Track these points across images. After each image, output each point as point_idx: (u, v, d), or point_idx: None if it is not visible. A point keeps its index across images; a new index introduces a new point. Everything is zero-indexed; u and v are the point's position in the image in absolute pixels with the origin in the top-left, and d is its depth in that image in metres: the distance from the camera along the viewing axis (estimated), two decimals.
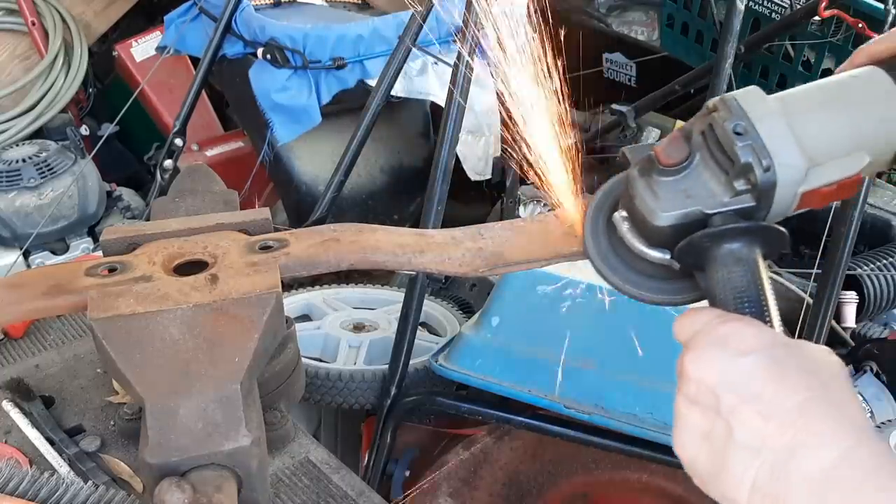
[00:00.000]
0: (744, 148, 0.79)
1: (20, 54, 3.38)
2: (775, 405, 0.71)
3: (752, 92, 0.83)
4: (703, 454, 0.75)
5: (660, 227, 0.82)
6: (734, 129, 0.80)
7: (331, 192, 2.47)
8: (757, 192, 0.80)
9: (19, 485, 1.08)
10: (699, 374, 0.76)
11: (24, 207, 2.65)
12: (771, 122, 0.81)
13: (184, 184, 1.43)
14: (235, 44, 2.72)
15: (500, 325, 1.94)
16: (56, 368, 1.54)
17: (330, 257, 1.10)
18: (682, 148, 0.83)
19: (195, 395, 0.93)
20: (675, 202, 0.82)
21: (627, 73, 3.44)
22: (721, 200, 0.81)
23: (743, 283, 0.80)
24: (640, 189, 0.83)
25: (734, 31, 2.35)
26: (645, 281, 0.88)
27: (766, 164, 0.79)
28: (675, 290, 0.88)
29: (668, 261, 0.84)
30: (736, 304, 0.80)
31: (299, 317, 2.45)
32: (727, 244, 0.81)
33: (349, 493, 1.36)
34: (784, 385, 0.72)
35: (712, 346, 0.76)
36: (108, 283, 1.06)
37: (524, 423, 1.98)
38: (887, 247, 2.71)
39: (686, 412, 0.77)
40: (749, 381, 0.73)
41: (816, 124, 0.83)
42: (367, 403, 2.12)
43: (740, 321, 0.78)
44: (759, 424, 0.71)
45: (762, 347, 0.75)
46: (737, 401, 0.73)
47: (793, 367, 0.74)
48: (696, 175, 0.82)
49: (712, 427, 0.74)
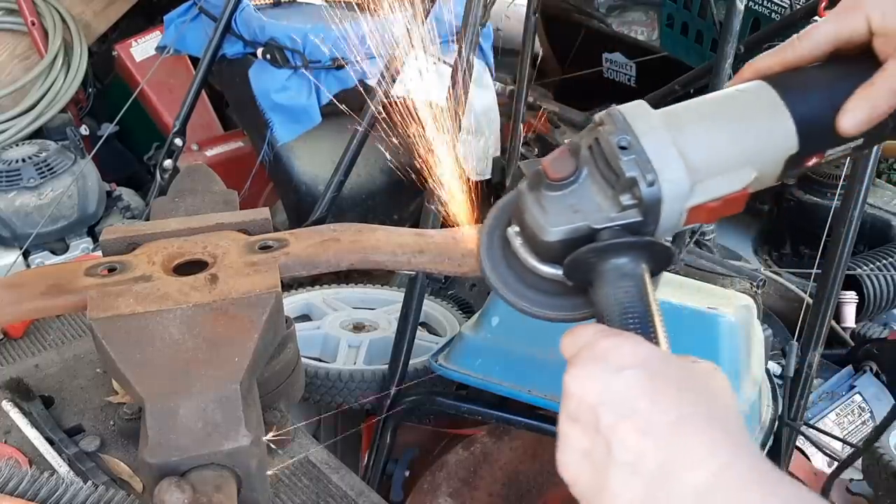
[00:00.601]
0: (628, 162, 0.79)
1: (20, 54, 3.38)
2: (651, 421, 0.70)
3: (638, 106, 0.82)
4: (584, 473, 0.73)
5: (549, 242, 0.81)
6: (619, 144, 0.79)
7: (331, 191, 2.47)
8: (643, 206, 0.79)
9: (19, 484, 1.08)
10: (579, 391, 0.74)
11: (23, 207, 2.65)
12: (656, 137, 0.80)
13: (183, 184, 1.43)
14: (235, 44, 2.72)
15: (499, 325, 1.94)
16: (56, 368, 1.54)
17: (330, 257, 1.10)
18: (570, 162, 0.82)
19: (195, 395, 0.93)
20: (563, 217, 0.81)
21: (627, 73, 3.44)
22: (608, 215, 0.80)
23: (628, 298, 0.80)
24: (530, 204, 0.82)
25: (734, 32, 2.35)
26: (540, 297, 0.87)
27: (651, 179, 0.78)
28: (571, 307, 0.87)
29: (560, 276, 0.83)
30: (621, 320, 0.79)
31: (299, 317, 2.45)
32: (613, 259, 0.80)
33: (349, 492, 1.36)
34: (660, 401, 0.71)
35: (592, 363, 0.75)
36: (107, 282, 1.06)
37: (524, 423, 1.97)
38: (887, 247, 2.72)
39: (567, 430, 0.75)
40: (626, 397, 0.71)
41: (702, 139, 0.82)
42: (367, 403, 2.12)
43: (619, 336, 0.76)
44: (636, 441, 0.70)
45: (640, 363, 0.73)
46: (614, 417, 0.71)
47: (671, 383, 0.72)
48: (584, 190, 0.81)
49: (592, 445, 0.72)
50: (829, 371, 2.47)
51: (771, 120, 0.85)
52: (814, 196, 2.78)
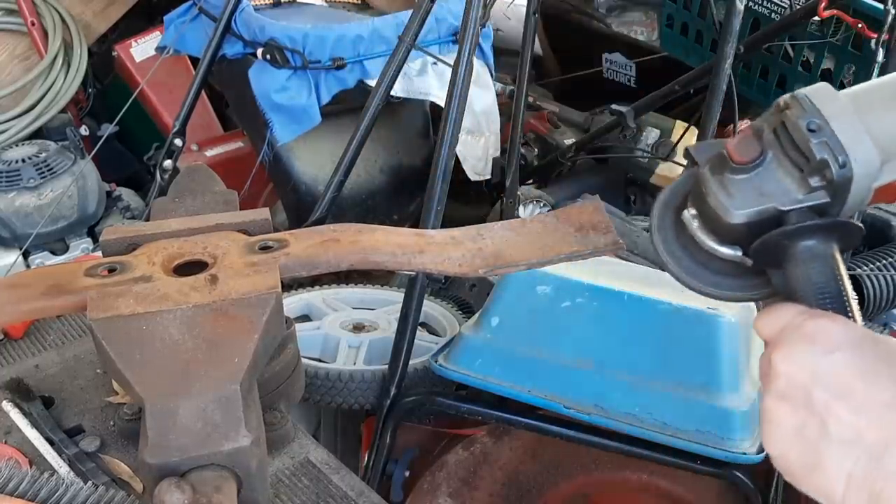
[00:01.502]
0: (819, 144, 0.80)
1: (20, 54, 3.38)
2: (867, 401, 0.73)
3: (823, 89, 0.83)
4: (795, 450, 0.76)
5: (734, 225, 0.82)
6: (808, 127, 0.80)
7: (330, 192, 2.47)
8: (832, 188, 0.80)
9: (19, 485, 1.08)
10: (789, 371, 0.77)
11: (23, 208, 2.65)
12: (844, 119, 0.81)
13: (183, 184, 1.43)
14: (235, 44, 2.72)
15: (499, 326, 1.94)
16: (56, 369, 1.54)
17: (330, 257, 1.10)
18: (755, 146, 0.83)
19: (195, 396, 0.93)
20: (750, 200, 0.82)
21: (627, 74, 3.44)
22: (795, 197, 0.81)
23: (823, 279, 0.81)
24: (713, 187, 0.83)
25: (734, 32, 2.35)
26: (714, 277, 0.88)
27: (843, 161, 0.79)
28: (745, 287, 0.88)
29: (740, 258, 0.84)
30: (818, 301, 0.81)
31: (299, 317, 2.45)
32: (804, 241, 0.81)
33: (349, 493, 1.36)
34: (874, 381, 0.73)
35: (801, 343, 0.77)
36: (107, 283, 1.06)
37: (524, 423, 1.98)
38: (887, 247, 2.71)
39: (776, 408, 0.78)
40: (840, 377, 0.74)
41: (889, 120, 0.83)
42: (367, 403, 2.12)
43: (826, 318, 0.78)
44: (852, 420, 0.72)
45: (850, 344, 0.76)
46: (829, 397, 0.74)
47: (882, 363, 0.75)
48: (770, 172, 0.83)
49: (804, 423, 0.75)
50: None
51: None
52: None
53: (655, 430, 1.80)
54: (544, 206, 2.82)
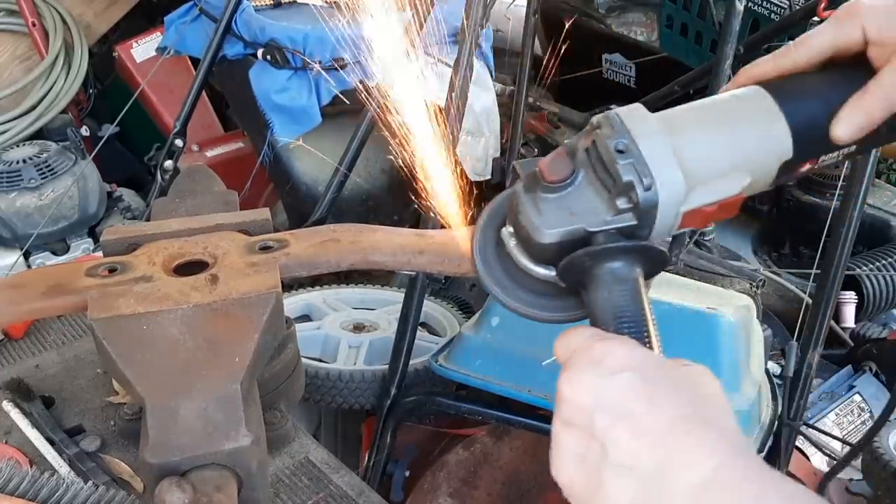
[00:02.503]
0: (625, 166, 0.79)
1: (20, 55, 3.38)
2: (646, 423, 0.71)
3: (635, 109, 0.83)
4: (579, 477, 0.74)
5: (544, 244, 0.81)
6: (616, 147, 0.80)
7: (331, 192, 2.47)
8: (639, 210, 0.80)
9: (19, 485, 1.08)
10: (573, 395, 0.75)
11: (24, 208, 2.65)
12: (653, 141, 0.80)
13: (184, 184, 1.44)
14: (236, 44, 2.73)
15: (499, 326, 1.94)
16: (56, 369, 1.54)
17: (330, 257, 1.10)
18: (567, 164, 0.82)
19: (195, 395, 0.93)
20: (559, 219, 0.81)
21: (627, 74, 3.44)
22: (603, 219, 0.81)
23: (623, 302, 0.80)
24: (525, 205, 0.82)
25: (733, 32, 2.35)
26: (534, 298, 0.87)
27: (648, 183, 0.79)
28: (564, 308, 0.87)
29: (554, 278, 0.83)
30: (616, 324, 0.80)
31: (299, 317, 2.45)
32: (607, 263, 0.80)
33: (349, 492, 1.36)
34: (654, 403, 0.72)
35: (585, 366, 0.75)
36: (108, 283, 1.06)
37: (524, 423, 1.98)
38: (886, 247, 2.72)
39: (562, 434, 0.76)
40: (620, 400, 0.72)
41: (699, 144, 0.83)
42: (367, 403, 2.12)
43: (613, 340, 0.77)
44: (631, 444, 0.70)
45: (634, 366, 0.74)
46: (609, 420, 0.72)
47: (664, 385, 0.73)
48: (580, 192, 0.82)
49: (587, 448, 0.73)
50: (829, 371, 2.47)
51: (767, 126, 0.85)
52: (813, 196, 2.78)
53: None
54: None
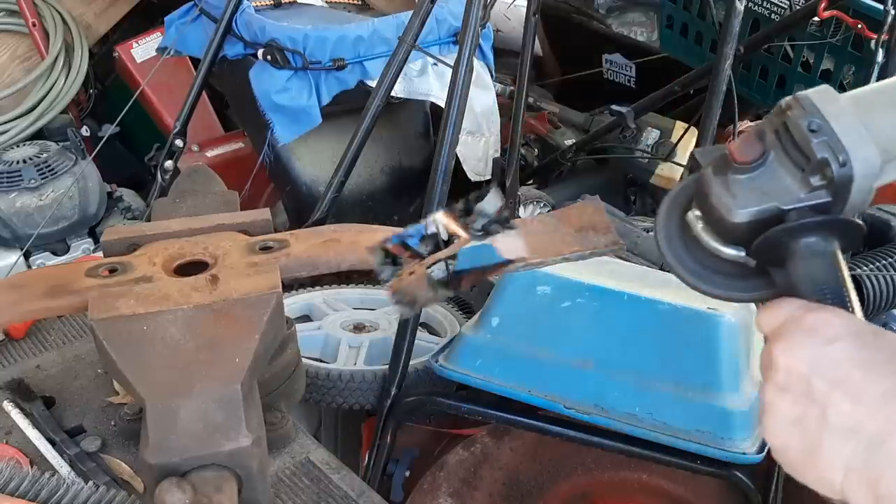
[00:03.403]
0: (819, 144, 0.80)
1: (21, 55, 3.38)
2: (866, 391, 0.74)
3: (824, 91, 0.84)
4: (795, 439, 0.77)
5: (737, 224, 0.83)
6: (809, 127, 0.81)
7: (331, 192, 2.47)
8: (833, 187, 0.81)
9: (20, 485, 1.08)
10: (790, 363, 0.78)
11: (24, 208, 2.65)
12: (845, 119, 0.82)
13: (184, 184, 1.44)
14: (236, 45, 2.72)
15: (500, 326, 1.94)
16: (56, 369, 1.54)
17: (330, 258, 1.10)
18: (757, 146, 0.84)
19: (196, 396, 0.93)
20: (752, 199, 0.83)
21: (627, 74, 3.43)
22: (797, 196, 0.82)
23: (823, 275, 0.82)
24: (716, 187, 0.84)
25: (733, 32, 2.35)
26: (718, 278, 0.89)
27: (843, 160, 0.80)
28: (749, 288, 0.89)
29: (744, 258, 0.85)
30: (819, 296, 0.82)
31: (299, 317, 2.45)
32: (805, 238, 0.82)
33: (349, 493, 1.36)
34: (873, 371, 0.74)
35: (801, 335, 0.78)
36: (108, 283, 1.06)
37: (524, 423, 1.98)
38: (887, 247, 2.71)
39: (776, 400, 0.79)
40: (840, 367, 0.75)
41: (890, 121, 0.84)
42: (368, 404, 2.12)
43: (826, 310, 0.80)
44: (851, 409, 0.73)
45: (850, 335, 0.77)
46: (829, 386, 0.75)
47: (881, 353, 0.76)
48: (771, 172, 0.83)
49: (804, 413, 0.76)
50: None
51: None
52: None
53: (655, 430, 1.80)
54: (544, 206, 2.82)
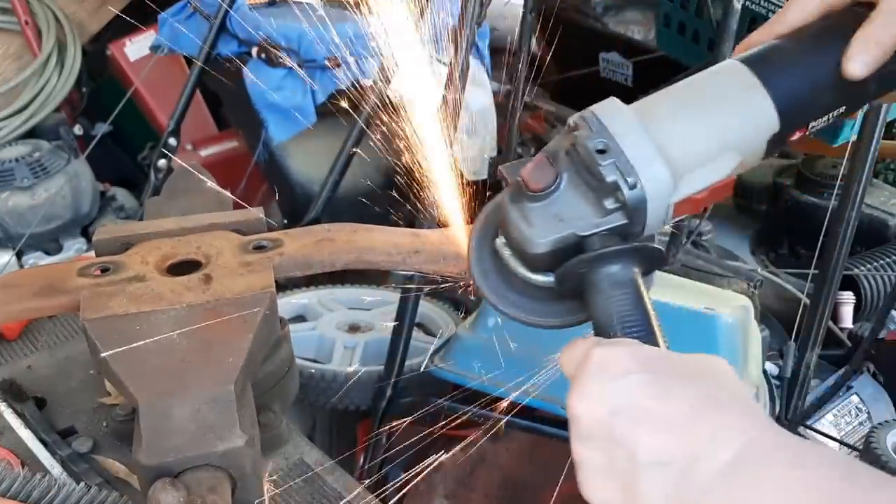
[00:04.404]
0: (608, 167, 0.77)
1: (13, 53, 3.36)
2: (668, 418, 0.71)
3: (610, 105, 0.81)
4: (612, 489, 0.73)
5: (537, 254, 0.80)
6: (596, 148, 0.78)
7: (326, 191, 2.46)
8: (627, 209, 0.78)
9: (11, 486, 1.07)
10: (587, 409, 0.74)
11: (17, 207, 2.64)
12: (633, 136, 0.79)
13: (177, 183, 1.43)
14: (230, 43, 2.71)
15: (496, 326, 1.93)
16: (48, 370, 1.53)
17: (325, 257, 1.09)
18: (549, 171, 0.80)
19: (189, 396, 0.92)
20: (549, 228, 0.79)
21: (624, 73, 3.43)
22: (593, 221, 0.79)
23: (624, 306, 0.79)
24: (514, 217, 0.81)
25: (731, 31, 2.34)
26: (536, 305, 0.86)
27: (633, 182, 0.77)
28: (566, 312, 0.86)
29: (553, 283, 0.82)
30: (620, 328, 0.78)
31: (294, 317, 2.44)
32: (604, 268, 0.79)
33: (344, 494, 1.35)
34: (670, 396, 0.71)
35: (592, 376, 0.74)
36: (100, 283, 1.05)
37: (520, 424, 1.97)
38: (884, 247, 2.71)
39: (584, 453, 0.75)
40: (635, 401, 0.72)
41: (680, 131, 0.81)
42: (363, 405, 2.11)
43: (615, 345, 0.76)
44: (656, 440, 0.70)
45: (640, 365, 0.73)
46: (629, 422, 0.71)
47: (675, 377, 0.73)
48: (567, 197, 0.80)
49: (613, 458, 0.72)
50: (827, 372, 2.47)
51: (748, 102, 0.83)
52: (811, 196, 2.77)
53: None
54: None
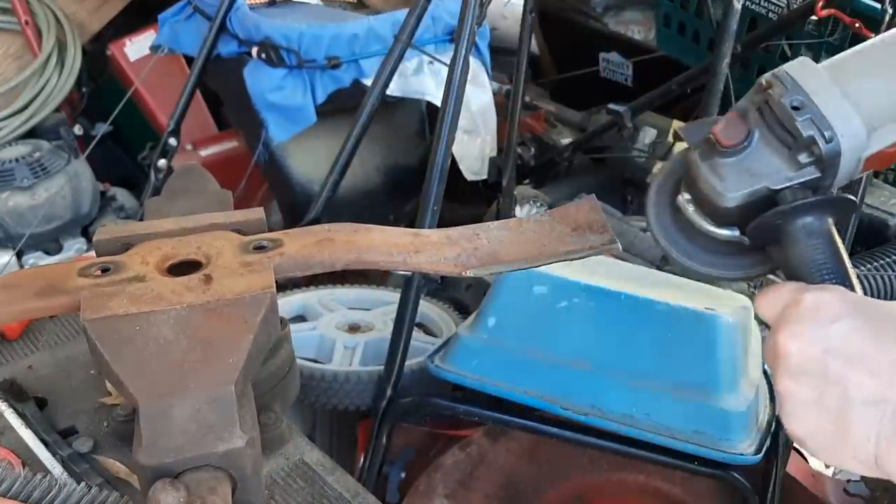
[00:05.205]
0: (804, 122, 0.80)
1: (13, 53, 3.36)
2: (880, 361, 0.74)
3: (803, 64, 0.84)
4: (821, 423, 0.77)
5: (728, 208, 0.83)
6: (791, 104, 0.81)
7: (326, 191, 2.46)
8: (823, 163, 0.81)
9: (12, 486, 1.07)
10: (799, 347, 0.78)
11: (17, 208, 2.64)
12: (827, 93, 0.81)
13: (177, 183, 1.43)
14: (230, 43, 2.71)
15: (496, 326, 1.93)
16: (49, 370, 1.53)
17: (325, 257, 1.09)
18: (741, 128, 0.83)
19: (189, 396, 0.92)
20: (741, 182, 0.82)
21: (624, 73, 3.43)
22: (786, 175, 0.82)
23: (821, 255, 0.82)
24: (704, 172, 0.84)
25: (731, 31, 2.35)
26: (715, 258, 0.89)
27: (829, 136, 0.80)
28: (746, 265, 0.89)
29: (739, 237, 0.85)
30: (819, 276, 0.82)
31: (294, 317, 2.44)
32: (799, 219, 0.82)
33: (344, 494, 1.35)
34: (881, 342, 0.75)
35: (805, 318, 0.78)
36: (101, 283, 1.05)
37: (520, 424, 1.97)
38: (884, 247, 2.71)
39: (793, 386, 0.78)
40: (850, 343, 0.76)
41: (872, 88, 0.83)
42: (363, 405, 2.11)
43: (823, 290, 0.80)
44: (870, 381, 0.74)
45: (852, 311, 0.77)
46: (843, 363, 0.75)
47: (886, 325, 0.77)
48: (758, 152, 0.83)
49: (824, 394, 0.76)
50: None
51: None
52: None
53: (652, 431, 1.80)
54: (541, 205, 2.82)
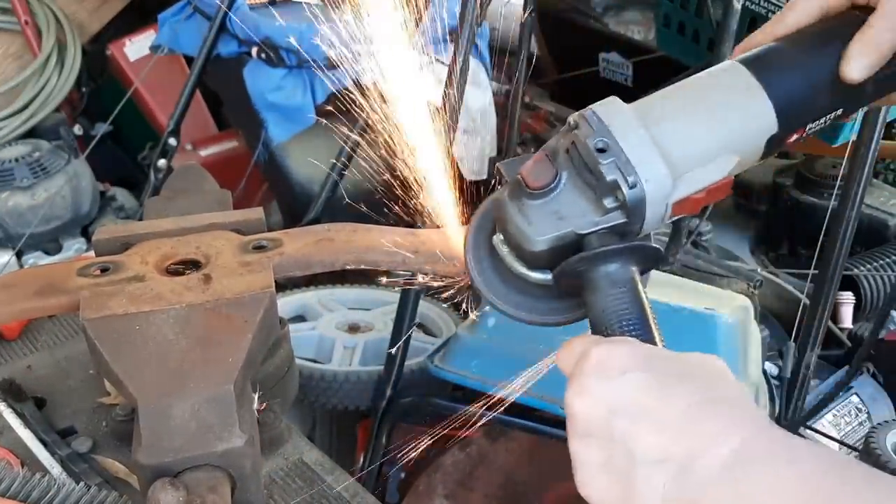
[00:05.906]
0: (608, 165, 0.78)
1: (13, 53, 3.36)
2: (665, 415, 0.71)
3: (611, 104, 0.81)
4: (609, 487, 0.73)
5: (535, 252, 0.81)
6: (596, 146, 0.78)
7: (325, 191, 2.46)
8: (626, 208, 0.79)
9: (11, 485, 1.07)
10: (584, 407, 0.74)
11: (16, 208, 2.64)
12: (633, 136, 0.79)
13: (177, 183, 1.43)
14: (230, 43, 2.71)
15: (495, 326, 1.93)
16: (48, 369, 1.52)
17: (324, 257, 1.09)
18: (549, 169, 0.80)
19: (188, 396, 0.92)
20: (548, 225, 0.80)
21: (624, 73, 3.43)
22: (592, 220, 0.80)
23: (623, 305, 0.79)
24: (512, 214, 0.81)
25: (731, 31, 2.34)
26: (533, 303, 0.87)
27: (633, 181, 0.78)
28: (564, 310, 0.86)
29: (551, 281, 0.83)
30: (618, 327, 0.79)
31: (294, 317, 2.44)
32: (602, 266, 0.79)
33: (343, 494, 1.35)
34: (668, 395, 0.72)
35: (591, 375, 0.75)
36: (100, 282, 1.05)
37: (520, 424, 1.96)
38: (884, 247, 2.71)
39: (581, 449, 0.75)
40: (634, 399, 0.72)
41: (680, 132, 0.81)
42: (363, 405, 2.11)
43: (612, 343, 0.76)
44: (655, 439, 0.71)
45: (639, 364, 0.74)
46: (628, 421, 0.72)
47: (673, 376, 0.73)
48: (566, 195, 0.80)
49: (611, 455, 0.73)
50: (827, 372, 2.47)
51: (747, 103, 0.83)
52: (811, 196, 2.77)
53: None
54: None
